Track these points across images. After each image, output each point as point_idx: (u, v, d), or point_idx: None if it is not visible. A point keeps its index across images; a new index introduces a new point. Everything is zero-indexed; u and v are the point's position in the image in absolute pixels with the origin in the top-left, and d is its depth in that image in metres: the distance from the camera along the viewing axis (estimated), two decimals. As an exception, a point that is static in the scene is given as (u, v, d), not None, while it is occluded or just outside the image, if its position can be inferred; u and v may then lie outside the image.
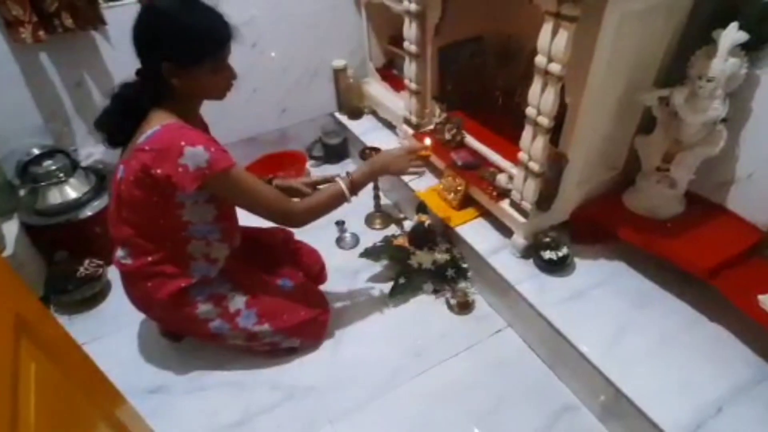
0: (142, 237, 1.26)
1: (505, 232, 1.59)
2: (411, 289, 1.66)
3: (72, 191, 1.73)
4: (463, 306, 1.61)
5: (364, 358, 1.50)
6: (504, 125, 1.68)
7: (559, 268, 1.46)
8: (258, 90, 2.12)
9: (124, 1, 1.75)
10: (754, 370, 1.21)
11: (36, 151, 1.73)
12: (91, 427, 0.78)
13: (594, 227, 1.49)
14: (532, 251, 1.50)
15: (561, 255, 1.44)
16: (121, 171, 1.21)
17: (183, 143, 1.11)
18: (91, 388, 0.82)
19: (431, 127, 1.86)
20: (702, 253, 1.29)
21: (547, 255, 1.45)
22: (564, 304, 1.39)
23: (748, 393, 1.16)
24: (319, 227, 1.42)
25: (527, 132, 1.33)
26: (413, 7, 1.65)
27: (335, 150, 2.37)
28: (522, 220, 1.47)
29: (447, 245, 1.68)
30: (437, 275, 1.63)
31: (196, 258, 1.32)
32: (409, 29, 1.71)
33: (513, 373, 1.44)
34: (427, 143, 1.61)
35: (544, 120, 1.26)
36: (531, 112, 1.29)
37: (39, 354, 0.66)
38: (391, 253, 1.73)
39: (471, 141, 1.75)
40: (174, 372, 1.49)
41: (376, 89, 2.28)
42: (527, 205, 1.44)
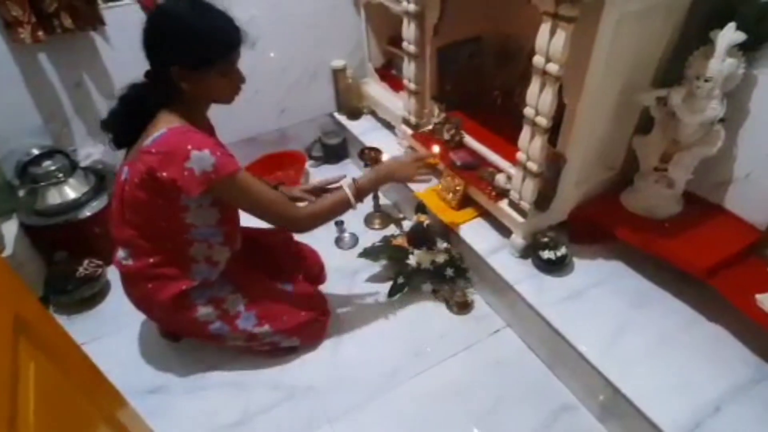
0: (144, 238, 1.26)
1: (504, 232, 1.59)
2: (410, 289, 1.66)
3: (71, 191, 1.73)
4: (462, 306, 1.61)
5: (363, 358, 1.50)
6: (503, 125, 1.68)
7: (558, 267, 1.46)
8: (258, 90, 2.12)
9: (123, 2, 1.75)
10: (752, 369, 1.21)
11: (35, 152, 1.73)
12: (91, 427, 0.78)
13: (592, 227, 1.49)
14: (530, 251, 1.50)
15: (559, 255, 1.44)
16: (126, 172, 1.21)
17: (189, 147, 1.11)
18: (91, 388, 0.82)
19: (430, 128, 1.86)
20: (700, 253, 1.29)
21: (546, 255, 1.45)
22: (562, 303, 1.39)
23: (746, 392, 1.16)
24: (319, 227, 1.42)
25: (525, 132, 1.34)
26: (412, 8, 1.65)
27: (334, 150, 2.37)
28: (520, 220, 1.47)
29: (446, 245, 1.68)
30: (436, 275, 1.63)
31: (197, 261, 1.32)
32: (408, 30, 1.71)
33: (512, 373, 1.44)
34: (435, 151, 1.60)
35: (542, 120, 1.26)
36: (529, 112, 1.29)
37: (38, 354, 0.66)
38: (390, 253, 1.73)
39: (470, 141, 1.75)
40: (173, 372, 1.49)
41: (375, 89, 2.28)
42: (526, 205, 1.44)
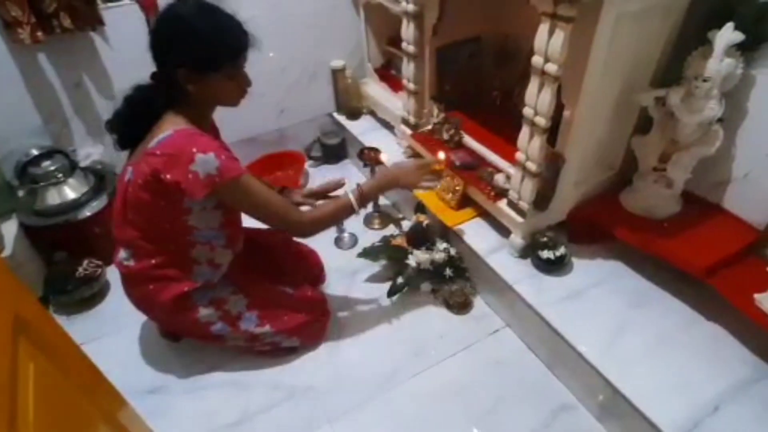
0: (146, 240, 1.26)
1: (503, 231, 1.59)
2: (409, 289, 1.66)
3: (71, 192, 1.73)
4: (462, 306, 1.62)
5: (362, 358, 1.50)
6: (502, 125, 1.68)
7: (557, 267, 1.46)
8: (257, 91, 2.11)
9: (122, 2, 1.75)
10: (750, 368, 1.21)
11: (35, 152, 1.73)
12: (90, 427, 0.78)
13: (591, 227, 1.49)
14: (529, 251, 1.50)
15: (558, 255, 1.45)
16: (130, 173, 1.21)
17: (194, 150, 1.10)
18: (91, 388, 0.82)
19: (429, 128, 1.87)
20: (699, 253, 1.29)
21: (545, 255, 1.45)
22: (562, 303, 1.39)
23: (745, 391, 1.16)
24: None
25: (524, 132, 1.34)
26: (411, 8, 1.65)
27: (334, 150, 2.37)
28: (520, 219, 1.48)
29: (445, 245, 1.68)
30: (435, 275, 1.63)
31: (200, 263, 1.32)
32: (407, 30, 1.71)
33: (511, 373, 1.44)
34: (441, 157, 1.60)
35: (541, 120, 1.26)
36: (528, 112, 1.29)
37: (38, 354, 0.66)
38: (390, 253, 1.73)
39: (469, 141, 1.75)
40: (173, 372, 1.49)
41: (374, 89, 2.28)
42: (525, 205, 1.44)
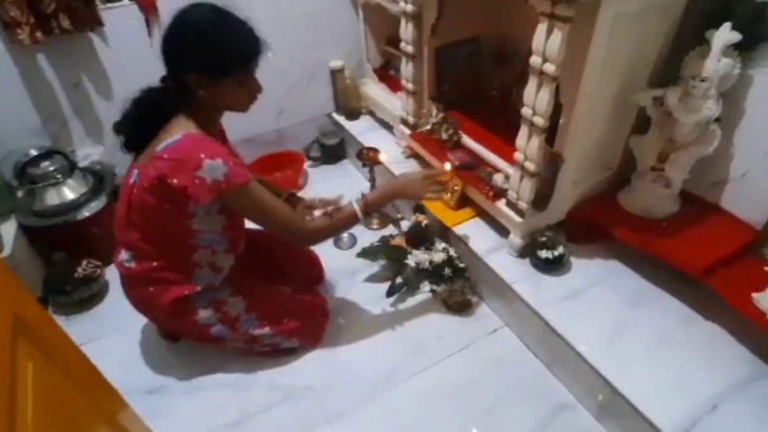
0: (148, 242, 1.26)
1: (502, 231, 1.59)
2: (408, 289, 1.67)
3: (70, 192, 1.73)
4: (461, 306, 1.62)
5: (361, 358, 1.50)
6: (500, 125, 1.68)
7: (556, 267, 1.47)
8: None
9: (121, 3, 1.75)
10: (749, 367, 1.21)
11: (34, 152, 1.73)
12: (89, 428, 0.79)
13: (590, 227, 1.49)
14: (528, 250, 1.51)
15: (557, 254, 1.45)
16: (135, 175, 1.20)
17: (202, 155, 1.10)
18: (89, 388, 0.82)
19: (428, 128, 1.87)
20: (697, 252, 1.30)
21: (544, 254, 1.45)
22: (560, 303, 1.39)
23: (743, 390, 1.17)
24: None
25: (523, 132, 1.34)
26: (409, 8, 1.65)
27: (333, 150, 2.37)
28: (518, 219, 1.48)
29: (444, 245, 1.68)
30: (434, 275, 1.63)
31: (201, 266, 1.32)
32: (406, 30, 1.72)
33: (510, 373, 1.44)
34: (447, 168, 1.60)
35: (539, 120, 1.27)
36: (526, 112, 1.29)
37: (37, 354, 0.66)
38: (389, 253, 1.73)
39: (468, 141, 1.76)
40: (172, 372, 1.49)
41: (373, 90, 2.29)
42: (523, 205, 1.44)
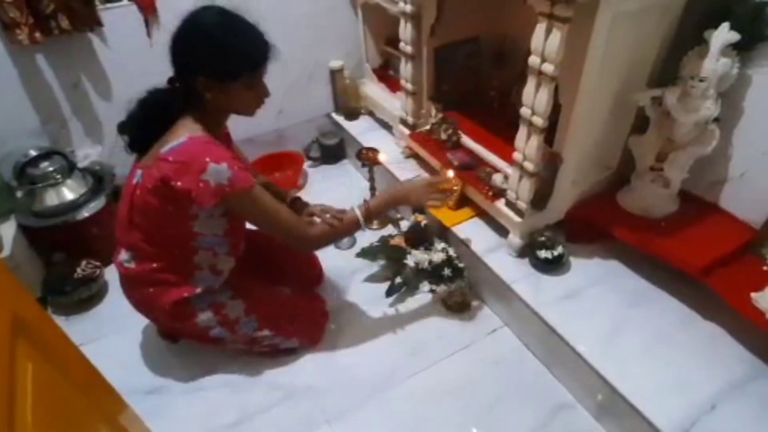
0: (149, 243, 1.26)
1: (501, 231, 1.60)
2: (408, 289, 1.67)
3: (69, 192, 1.73)
4: (460, 306, 1.62)
5: (361, 358, 1.50)
6: (499, 125, 1.69)
7: (555, 267, 1.47)
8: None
9: (120, 3, 1.75)
10: (747, 367, 1.22)
11: (33, 153, 1.73)
12: (89, 428, 0.79)
13: (589, 226, 1.50)
14: (527, 250, 1.51)
15: (556, 254, 1.45)
16: (138, 176, 1.20)
17: (207, 159, 1.10)
18: (89, 388, 0.82)
19: (427, 128, 1.87)
20: (695, 252, 1.30)
21: (543, 254, 1.45)
22: (560, 303, 1.39)
23: (742, 390, 1.17)
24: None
25: (522, 132, 1.34)
26: (408, 8, 1.65)
27: (332, 151, 2.37)
28: (517, 219, 1.48)
29: (443, 245, 1.68)
30: (434, 275, 1.63)
31: (201, 268, 1.31)
32: (405, 30, 1.72)
33: (509, 372, 1.44)
34: (450, 175, 1.59)
35: (538, 120, 1.27)
36: (525, 112, 1.30)
37: (36, 355, 0.66)
38: (388, 253, 1.73)
39: (467, 141, 1.76)
40: (172, 372, 1.49)
41: (372, 90, 2.29)
42: (523, 205, 1.44)
